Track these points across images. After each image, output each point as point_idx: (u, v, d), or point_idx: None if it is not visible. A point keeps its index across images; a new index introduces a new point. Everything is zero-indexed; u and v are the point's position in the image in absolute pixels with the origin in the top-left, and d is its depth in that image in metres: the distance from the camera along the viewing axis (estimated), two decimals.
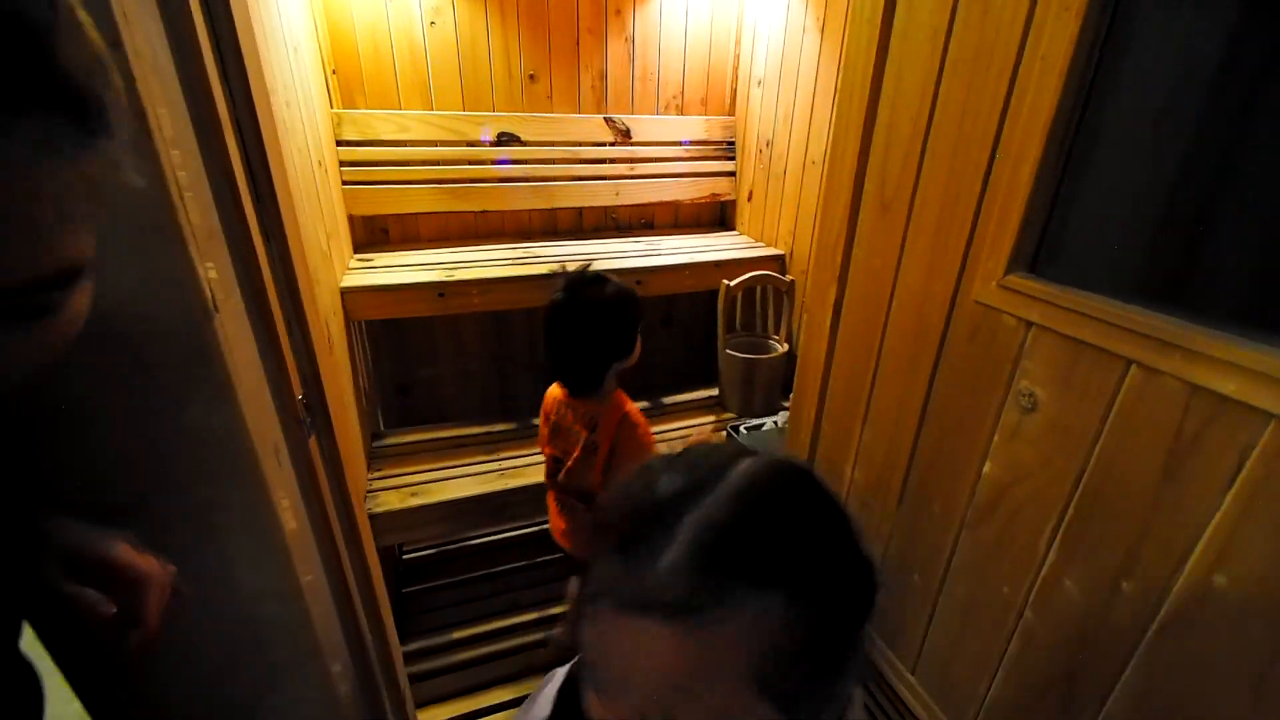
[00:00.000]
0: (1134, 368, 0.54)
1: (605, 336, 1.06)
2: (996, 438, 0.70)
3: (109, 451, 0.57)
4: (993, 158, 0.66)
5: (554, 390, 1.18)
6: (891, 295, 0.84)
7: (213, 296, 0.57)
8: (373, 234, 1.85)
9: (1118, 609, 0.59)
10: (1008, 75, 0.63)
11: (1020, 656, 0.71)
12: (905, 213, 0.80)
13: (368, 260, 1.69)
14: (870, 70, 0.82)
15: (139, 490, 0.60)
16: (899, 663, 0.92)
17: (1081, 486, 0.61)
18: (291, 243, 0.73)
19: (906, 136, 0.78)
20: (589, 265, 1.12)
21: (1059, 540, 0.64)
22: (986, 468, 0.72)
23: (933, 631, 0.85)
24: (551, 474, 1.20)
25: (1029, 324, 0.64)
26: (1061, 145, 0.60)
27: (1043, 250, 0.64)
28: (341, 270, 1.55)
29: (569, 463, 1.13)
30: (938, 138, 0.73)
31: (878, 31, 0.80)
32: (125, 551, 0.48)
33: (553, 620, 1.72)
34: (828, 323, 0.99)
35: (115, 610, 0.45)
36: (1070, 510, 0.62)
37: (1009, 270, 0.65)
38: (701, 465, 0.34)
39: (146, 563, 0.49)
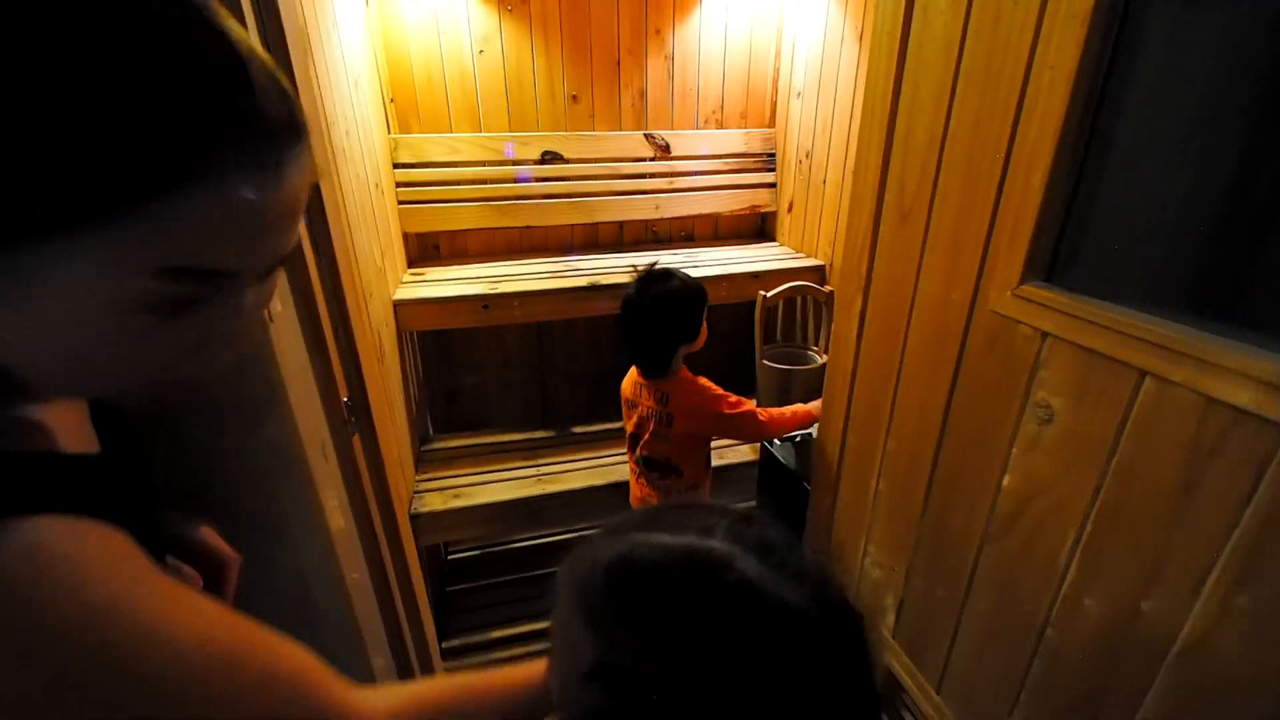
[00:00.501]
0: (1148, 379, 0.53)
1: (673, 322, 1.20)
2: (1015, 449, 0.69)
3: (170, 447, 0.65)
4: (1006, 166, 0.65)
5: (631, 374, 1.32)
6: (912, 305, 0.84)
7: (269, 308, 0.65)
8: (425, 250, 1.97)
9: (1139, 629, 0.56)
10: (1019, 84, 0.62)
11: (1044, 677, 0.68)
12: (924, 222, 0.79)
13: (420, 274, 1.80)
14: (890, 81, 0.83)
15: (198, 484, 0.68)
16: (925, 680, 0.90)
17: (1099, 501, 0.59)
18: (340, 258, 0.81)
19: (923, 145, 0.78)
20: (656, 263, 1.26)
21: (1078, 556, 0.62)
22: (1006, 480, 0.70)
23: (957, 648, 0.83)
24: (631, 448, 1.35)
25: (1044, 334, 0.63)
26: (1073, 152, 0.59)
27: (1058, 259, 0.63)
28: (395, 284, 1.66)
29: (645, 436, 1.27)
30: (953, 147, 0.73)
31: (897, 43, 0.81)
32: (214, 536, 0.55)
33: None
34: (854, 333, 0.99)
35: (202, 586, 0.51)
36: (1089, 525, 0.60)
37: (1024, 279, 0.64)
38: (690, 522, 0.33)
39: (227, 548, 0.56)
